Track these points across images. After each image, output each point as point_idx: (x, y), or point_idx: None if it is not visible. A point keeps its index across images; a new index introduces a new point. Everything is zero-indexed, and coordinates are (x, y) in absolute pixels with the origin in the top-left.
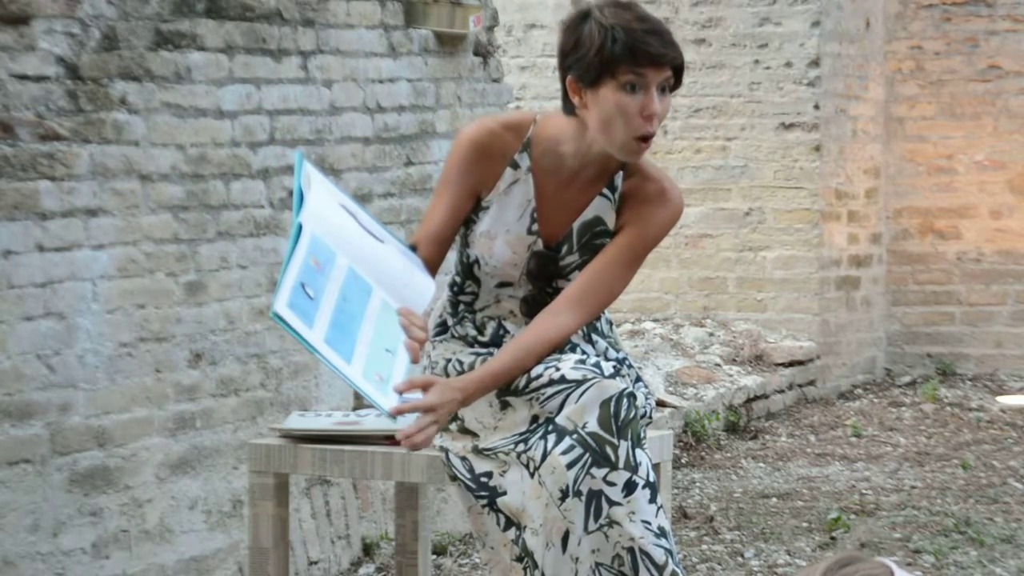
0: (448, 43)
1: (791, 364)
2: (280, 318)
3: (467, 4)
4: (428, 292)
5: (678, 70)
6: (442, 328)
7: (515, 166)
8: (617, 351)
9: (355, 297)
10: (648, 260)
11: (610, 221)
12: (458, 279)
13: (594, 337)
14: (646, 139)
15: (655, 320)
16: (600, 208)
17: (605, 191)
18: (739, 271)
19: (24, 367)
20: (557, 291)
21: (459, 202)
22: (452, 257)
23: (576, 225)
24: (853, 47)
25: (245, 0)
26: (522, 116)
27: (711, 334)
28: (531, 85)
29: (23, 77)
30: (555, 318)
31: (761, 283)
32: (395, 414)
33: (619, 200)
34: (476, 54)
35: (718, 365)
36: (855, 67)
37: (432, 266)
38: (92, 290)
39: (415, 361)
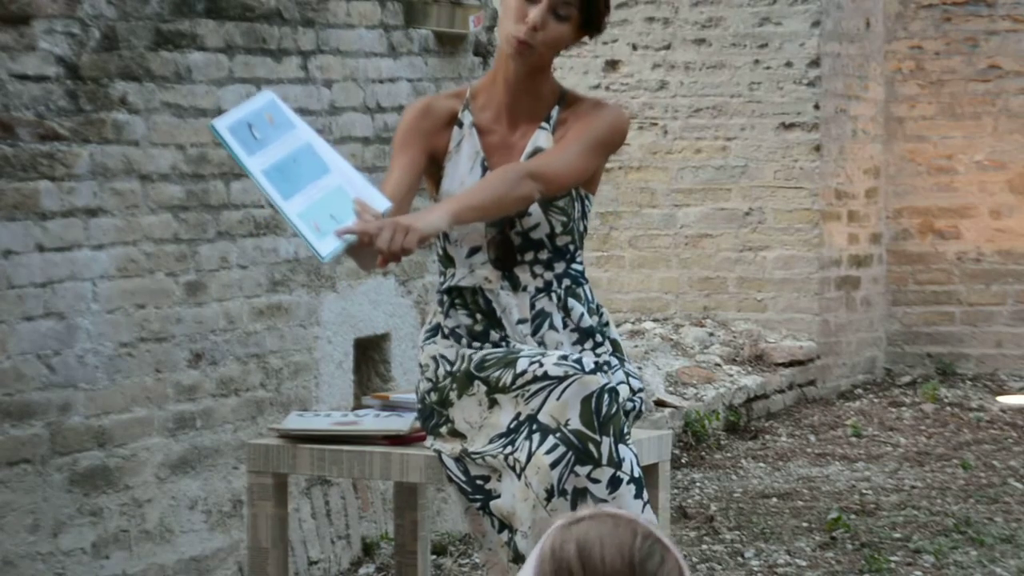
0: (448, 43)
1: (791, 364)
2: (216, 131)
3: (467, 4)
4: (381, 204)
5: (585, 2)
6: (433, 331)
7: (460, 124)
8: (599, 319)
9: (307, 166)
10: (648, 260)
11: (548, 144)
12: (440, 278)
13: (570, 303)
14: (521, 43)
15: (655, 320)
16: (539, 139)
17: (543, 124)
18: (739, 271)
19: (24, 367)
20: (524, 232)
21: (410, 164)
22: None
23: (522, 160)
24: (853, 47)
25: (245, 0)
26: (461, 86)
27: (711, 334)
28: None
29: (23, 77)
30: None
31: (761, 283)
32: (342, 233)
33: (555, 126)
34: (476, 54)
35: (718, 365)
36: (855, 67)
37: None
38: (92, 290)
39: (361, 243)
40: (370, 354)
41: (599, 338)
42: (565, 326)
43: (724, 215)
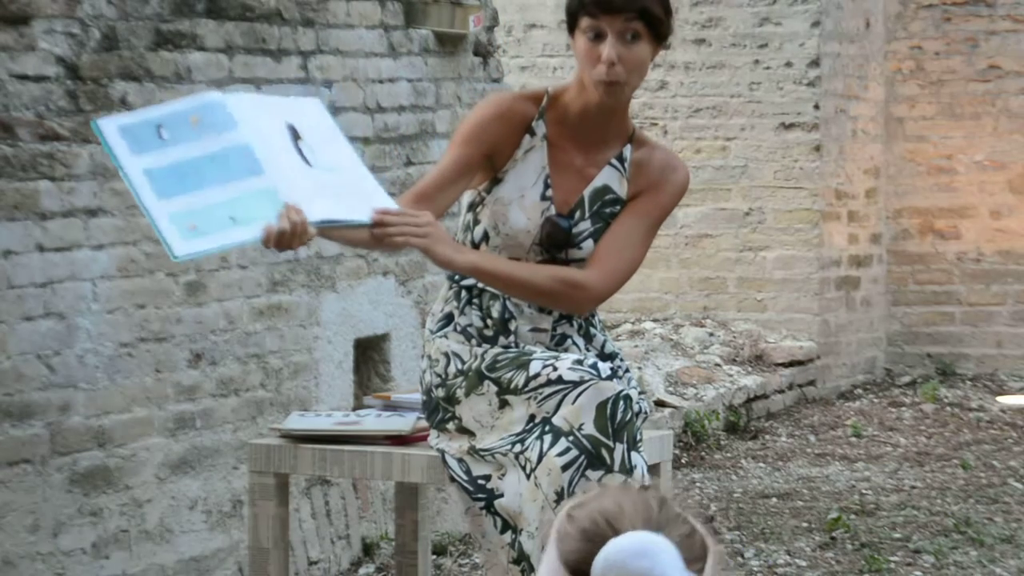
0: (448, 43)
1: (791, 364)
2: (98, 129)
3: (467, 4)
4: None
5: (647, 19)
6: (446, 321)
7: (532, 133)
8: (612, 345)
9: (231, 166)
10: (648, 260)
11: (620, 190)
12: None
13: (591, 331)
14: (608, 84)
15: (655, 320)
16: (609, 177)
17: (614, 161)
18: (739, 271)
19: (24, 367)
20: (568, 262)
21: (463, 160)
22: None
23: (587, 192)
24: (853, 47)
25: (245, 0)
26: (537, 88)
27: (711, 334)
28: (531, 85)
29: (23, 77)
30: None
31: (761, 283)
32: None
33: (629, 170)
34: (476, 54)
35: (718, 365)
36: (855, 67)
37: None
38: (92, 290)
39: (266, 243)
40: (370, 354)
41: (619, 362)
42: (587, 351)
43: (724, 215)
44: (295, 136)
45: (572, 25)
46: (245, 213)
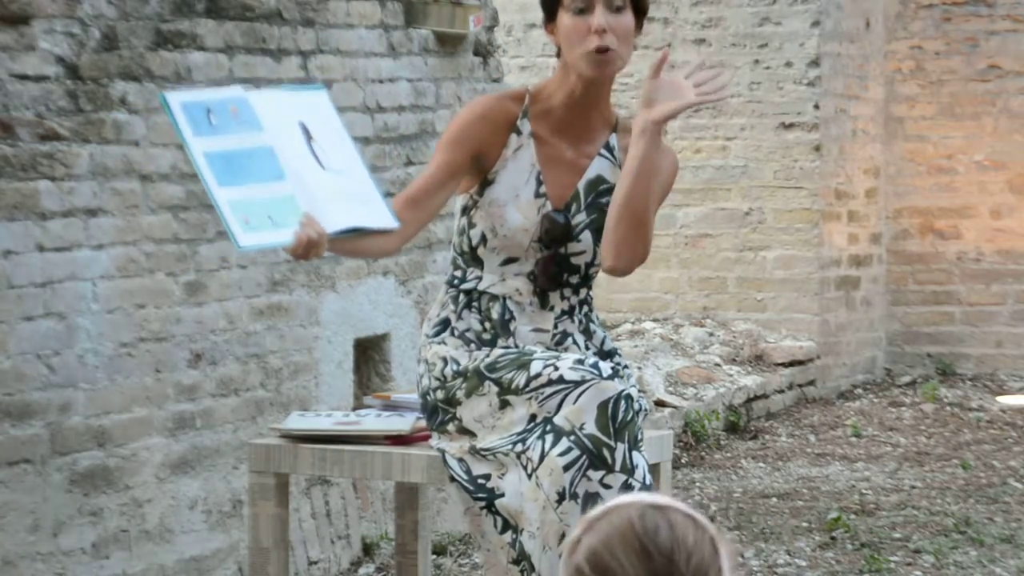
0: (448, 43)
1: (791, 364)
2: (166, 102)
3: (467, 4)
4: (383, 219)
5: None
6: (443, 326)
7: (518, 132)
8: (611, 342)
9: (261, 166)
10: (648, 260)
11: (613, 178)
12: (457, 273)
13: (591, 328)
14: (602, 51)
15: (655, 320)
16: (601, 167)
17: (603, 151)
18: (739, 271)
19: (24, 367)
20: (567, 255)
21: (451, 164)
22: (447, 256)
23: (581, 185)
24: (853, 47)
25: (245, 0)
26: (518, 88)
27: (711, 334)
28: (530, 85)
29: (23, 77)
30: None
31: (761, 283)
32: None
33: (620, 157)
34: (476, 54)
35: (718, 365)
36: (855, 67)
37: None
38: (92, 290)
39: (295, 251)
40: (370, 354)
41: (617, 359)
42: (587, 348)
43: (724, 215)
44: (308, 136)
45: (553, 10)
46: (278, 216)
